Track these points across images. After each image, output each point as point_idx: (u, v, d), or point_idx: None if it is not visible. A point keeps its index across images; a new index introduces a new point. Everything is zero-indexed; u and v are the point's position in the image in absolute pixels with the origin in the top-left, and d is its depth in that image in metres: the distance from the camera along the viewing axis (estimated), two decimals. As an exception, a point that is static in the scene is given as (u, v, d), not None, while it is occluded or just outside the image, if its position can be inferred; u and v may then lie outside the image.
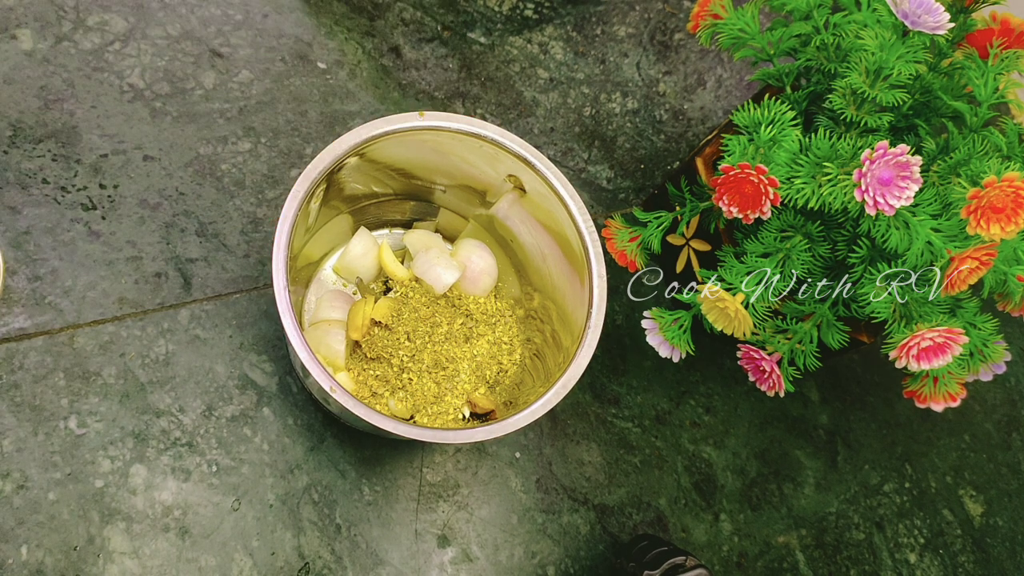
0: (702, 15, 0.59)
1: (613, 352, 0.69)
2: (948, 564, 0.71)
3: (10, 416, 0.54)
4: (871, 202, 0.46)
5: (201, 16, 0.68)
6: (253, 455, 0.58)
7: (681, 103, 0.80)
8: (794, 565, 0.67)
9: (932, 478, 0.74)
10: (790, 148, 0.49)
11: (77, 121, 0.62)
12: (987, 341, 0.52)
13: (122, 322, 0.58)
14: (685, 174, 0.64)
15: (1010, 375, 0.80)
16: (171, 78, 0.65)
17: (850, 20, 0.54)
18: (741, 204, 0.50)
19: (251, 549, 0.56)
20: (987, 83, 0.52)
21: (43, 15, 0.64)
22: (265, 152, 0.65)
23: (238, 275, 0.61)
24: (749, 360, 0.55)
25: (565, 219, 0.55)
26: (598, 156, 0.75)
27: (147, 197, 0.61)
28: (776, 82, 0.59)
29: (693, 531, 0.66)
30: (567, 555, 0.62)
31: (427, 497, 0.60)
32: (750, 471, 0.69)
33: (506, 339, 0.60)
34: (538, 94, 0.75)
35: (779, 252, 0.54)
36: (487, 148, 0.55)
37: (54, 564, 0.52)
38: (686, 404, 0.69)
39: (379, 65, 0.71)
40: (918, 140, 0.55)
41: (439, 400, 0.57)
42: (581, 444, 0.65)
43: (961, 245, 0.47)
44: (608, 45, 0.79)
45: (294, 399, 0.60)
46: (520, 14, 0.77)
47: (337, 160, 0.52)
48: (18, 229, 0.58)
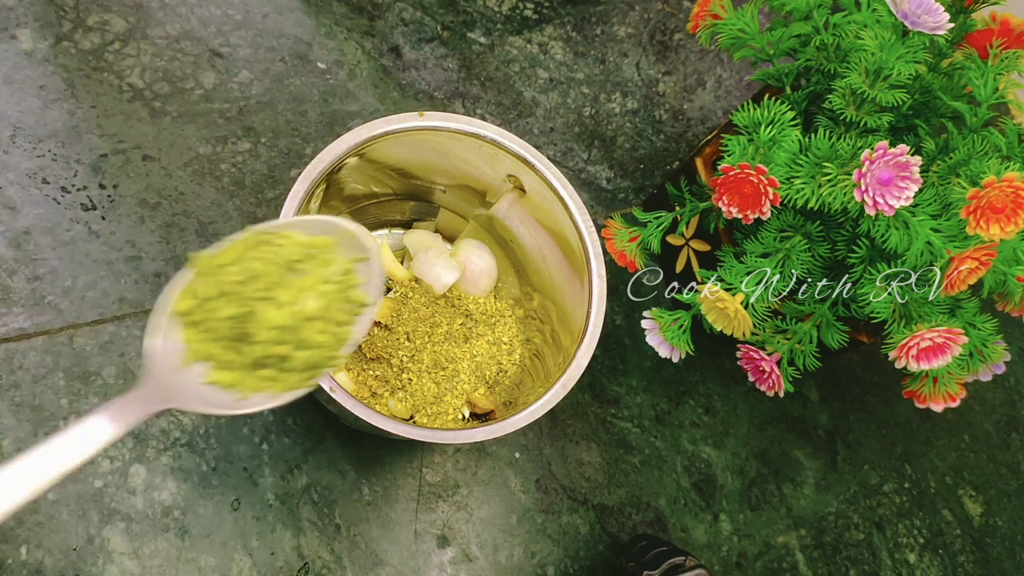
0: (702, 15, 0.59)
1: (613, 352, 0.69)
2: (948, 564, 0.71)
3: (10, 416, 0.54)
4: (871, 202, 0.46)
5: (201, 16, 0.68)
6: (253, 455, 0.58)
7: (681, 103, 0.80)
8: (793, 565, 0.67)
9: (932, 478, 0.74)
10: (790, 148, 0.49)
11: (77, 121, 0.62)
12: (987, 341, 0.52)
13: (122, 322, 0.58)
14: (685, 174, 0.64)
15: (1010, 375, 0.80)
16: (171, 78, 0.65)
17: (850, 20, 0.54)
18: (741, 204, 0.50)
19: (251, 549, 0.56)
20: (987, 83, 0.52)
21: (43, 15, 0.64)
22: (265, 152, 0.65)
23: (238, 275, 0.61)
24: (749, 360, 0.55)
25: (565, 219, 0.55)
26: (598, 156, 0.75)
27: (147, 197, 0.61)
28: (776, 82, 0.59)
29: (693, 531, 0.66)
30: (567, 555, 0.62)
31: (427, 497, 0.60)
32: (750, 471, 0.69)
33: (506, 339, 0.60)
34: (538, 94, 0.75)
35: (779, 252, 0.54)
36: (487, 148, 0.55)
37: (54, 564, 0.52)
38: (686, 404, 0.69)
39: (379, 65, 0.71)
40: (918, 140, 0.55)
41: (439, 400, 0.57)
42: (581, 444, 0.65)
43: (961, 245, 0.47)
44: (608, 45, 0.79)
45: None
46: (520, 14, 0.77)
47: (337, 160, 0.52)
48: (18, 229, 0.58)
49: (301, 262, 0.41)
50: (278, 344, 0.40)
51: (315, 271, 0.41)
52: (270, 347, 0.40)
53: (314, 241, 0.43)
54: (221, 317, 0.39)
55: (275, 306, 0.39)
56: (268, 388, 0.40)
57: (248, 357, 0.40)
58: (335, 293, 0.41)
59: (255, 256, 0.41)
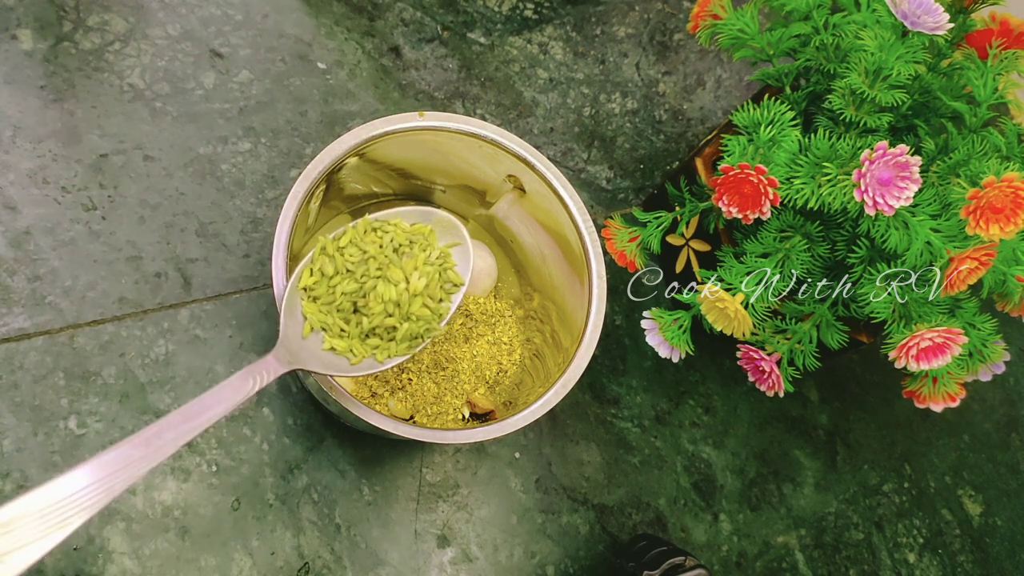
0: (702, 15, 0.59)
1: (613, 352, 0.69)
2: (947, 564, 0.71)
3: (10, 416, 0.54)
4: (870, 202, 0.46)
5: (201, 16, 0.68)
6: (253, 455, 0.58)
7: (681, 103, 0.80)
8: (793, 565, 0.67)
9: (931, 478, 0.74)
10: (790, 148, 0.49)
11: (77, 121, 0.62)
12: (986, 341, 0.52)
13: (122, 322, 0.58)
14: (685, 174, 0.64)
15: (1009, 375, 0.80)
16: (171, 78, 0.65)
17: (850, 20, 0.54)
18: (741, 204, 0.50)
19: (251, 549, 0.56)
20: (986, 83, 0.52)
21: (43, 15, 0.64)
22: (265, 152, 0.65)
23: (238, 275, 0.61)
24: (748, 360, 0.55)
25: (565, 219, 0.55)
26: (598, 156, 0.75)
27: (147, 197, 0.61)
28: (776, 82, 0.59)
29: (692, 531, 0.66)
30: (566, 555, 0.62)
31: (427, 497, 0.61)
32: (749, 471, 0.69)
33: (506, 339, 0.60)
34: (538, 94, 0.75)
35: (779, 252, 0.54)
36: (487, 148, 0.55)
37: (54, 564, 0.52)
38: (686, 404, 0.69)
39: (379, 65, 0.71)
40: (917, 140, 0.55)
41: (439, 400, 0.57)
42: (580, 444, 0.65)
43: (960, 245, 0.47)
44: (608, 45, 0.79)
45: (294, 399, 0.60)
46: (520, 14, 0.77)
47: (337, 160, 0.52)
48: (18, 229, 0.58)
49: (406, 246, 0.49)
50: (387, 316, 0.48)
51: (418, 254, 0.49)
52: (381, 319, 0.47)
53: (416, 228, 0.51)
54: (340, 292, 0.47)
55: (388, 283, 0.48)
56: (375, 355, 0.48)
57: (360, 327, 0.47)
58: (435, 273, 0.49)
59: (368, 241, 0.49)
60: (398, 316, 0.48)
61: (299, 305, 0.47)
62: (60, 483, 0.32)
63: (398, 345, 0.48)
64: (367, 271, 0.48)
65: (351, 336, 0.47)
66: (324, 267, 0.48)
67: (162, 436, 0.36)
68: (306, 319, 0.47)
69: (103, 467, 0.33)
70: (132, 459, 0.34)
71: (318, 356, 0.46)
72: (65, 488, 0.32)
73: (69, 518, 0.32)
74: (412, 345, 0.48)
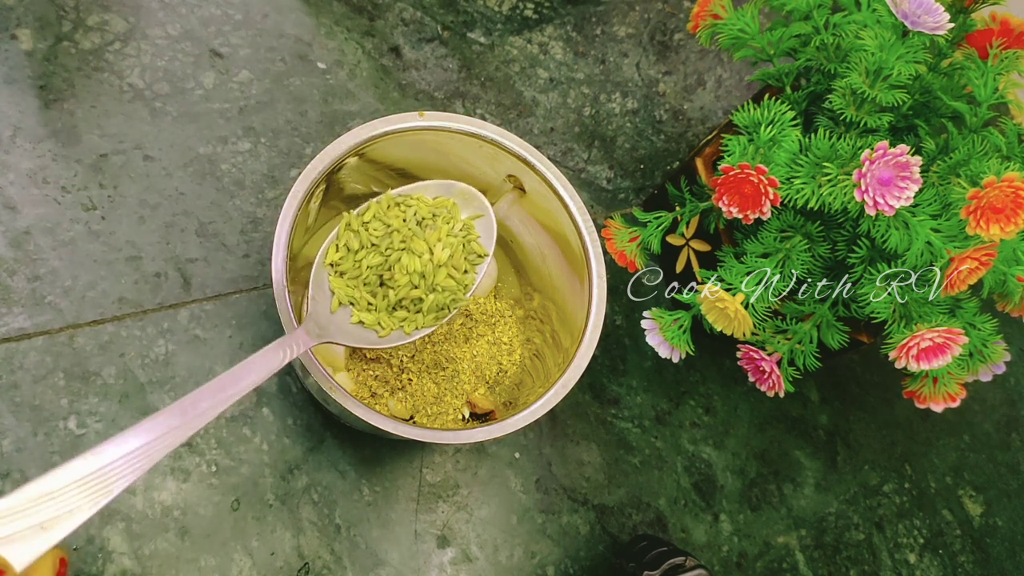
0: (702, 15, 0.59)
1: (613, 352, 0.69)
2: (948, 564, 0.71)
3: (10, 416, 0.54)
4: (871, 202, 0.46)
5: (201, 16, 0.68)
6: (253, 455, 0.58)
7: (681, 103, 0.80)
8: (794, 565, 0.67)
9: (932, 478, 0.74)
10: (790, 148, 0.49)
11: (77, 121, 0.62)
12: (987, 341, 0.52)
13: (122, 322, 0.58)
14: (685, 174, 0.64)
15: (1010, 375, 0.80)
16: (171, 78, 0.65)
17: (850, 20, 0.54)
18: (741, 204, 0.50)
19: (251, 549, 0.56)
20: (987, 83, 0.52)
21: (43, 15, 0.64)
22: (265, 152, 0.65)
23: (238, 275, 0.61)
24: (749, 360, 0.55)
25: (565, 219, 0.55)
26: (598, 156, 0.75)
27: (147, 197, 0.61)
28: (776, 82, 0.59)
29: (693, 531, 0.66)
30: (567, 555, 0.62)
31: (427, 497, 0.60)
32: (750, 471, 0.69)
33: (506, 339, 0.60)
34: (538, 94, 0.75)
35: (779, 252, 0.54)
36: (487, 148, 0.55)
37: (54, 564, 0.52)
38: (686, 404, 0.69)
39: (379, 65, 0.71)
40: (918, 140, 0.55)
41: (439, 400, 0.57)
42: (581, 444, 0.65)
43: (961, 245, 0.47)
44: (608, 45, 0.79)
45: (293, 399, 0.60)
46: (520, 14, 0.77)
47: (337, 160, 0.52)
48: (18, 229, 0.58)
49: (429, 219, 0.50)
50: (413, 288, 0.49)
51: (442, 226, 0.50)
52: (407, 290, 0.48)
53: (439, 201, 0.52)
54: (366, 266, 0.48)
55: (412, 255, 0.49)
56: (402, 327, 0.49)
57: (387, 300, 0.48)
58: (459, 244, 0.50)
59: (392, 215, 0.50)
60: (424, 288, 0.49)
61: (326, 280, 0.49)
62: (105, 448, 0.34)
63: (425, 317, 0.49)
64: (391, 244, 0.49)
65: (378, 309, 0.48)
66: (349, 242, 0.49)
67: (197, 405, 0.38)
68: (333, 294, 0.48)
69: (145, 433, 0.35)
70: (171, 427, 0.36)
71: (346, 330, 0.47)
72: (109, 454, 0.34)
73: (112, 484, 0.33)
74: (439, 316, 0.49)
